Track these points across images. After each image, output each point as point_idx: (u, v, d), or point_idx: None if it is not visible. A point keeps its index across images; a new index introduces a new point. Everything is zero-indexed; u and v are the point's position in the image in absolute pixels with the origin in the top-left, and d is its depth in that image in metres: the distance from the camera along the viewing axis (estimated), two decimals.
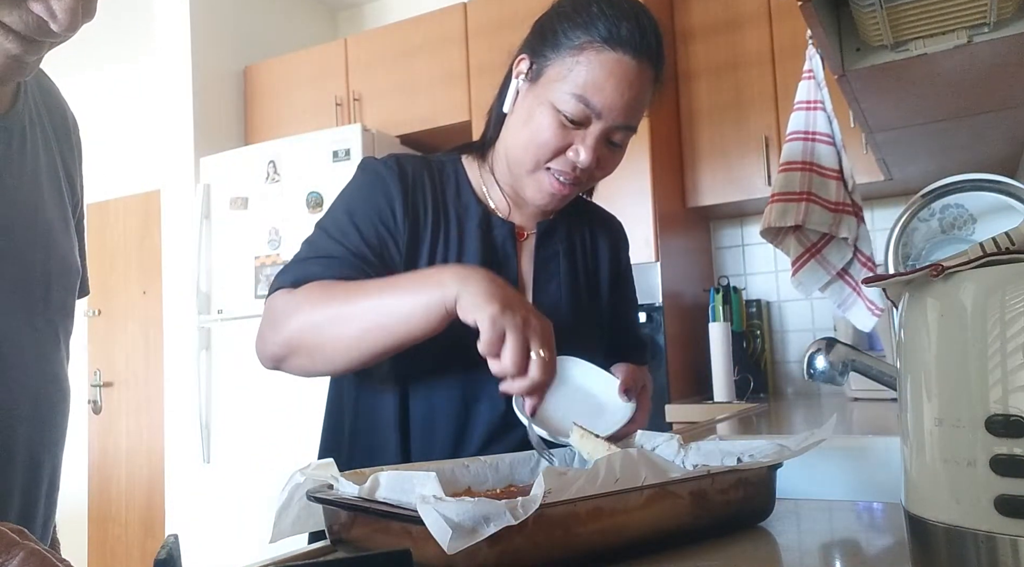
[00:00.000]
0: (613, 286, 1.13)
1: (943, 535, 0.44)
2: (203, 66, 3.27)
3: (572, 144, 0.93)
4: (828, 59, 1.28)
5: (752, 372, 2.66)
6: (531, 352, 0.77)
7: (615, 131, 0.93)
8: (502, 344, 0.76)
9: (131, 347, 4.05)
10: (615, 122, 0.92)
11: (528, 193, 0.98)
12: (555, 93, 0.91)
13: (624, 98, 0.91)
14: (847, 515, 0.74)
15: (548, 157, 0.94)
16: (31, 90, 0.78)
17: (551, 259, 1.05)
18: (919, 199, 1.31)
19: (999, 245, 0.44)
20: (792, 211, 1.77)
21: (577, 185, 0.97)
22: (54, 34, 0.59)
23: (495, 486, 0.76)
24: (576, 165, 0.93)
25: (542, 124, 0.93)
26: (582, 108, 0.90)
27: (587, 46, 0.90)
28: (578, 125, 0.92)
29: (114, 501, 3.98)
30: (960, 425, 0.43)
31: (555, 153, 0.93)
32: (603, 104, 0.90)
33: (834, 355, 0.97)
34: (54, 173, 0.80)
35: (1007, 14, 1.12)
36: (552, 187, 0.95)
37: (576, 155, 0.93)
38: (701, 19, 2.75)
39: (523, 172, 0.97)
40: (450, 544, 0.47)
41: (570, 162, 0.93)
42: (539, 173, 0.96)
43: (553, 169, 0.94)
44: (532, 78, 0.96)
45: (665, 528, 0.61)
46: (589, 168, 0.94)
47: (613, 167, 0.98)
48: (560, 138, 0.92)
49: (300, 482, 0.65)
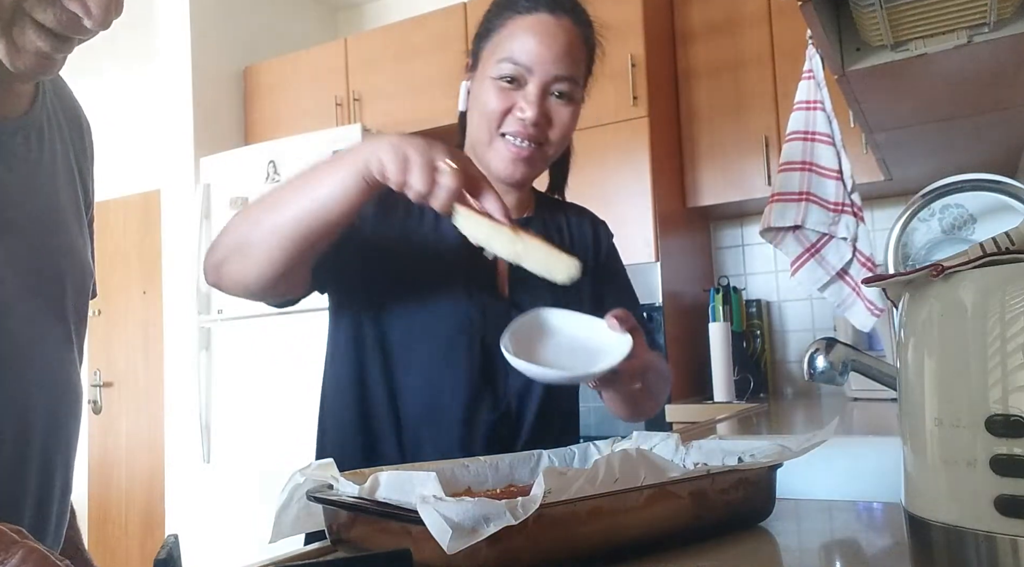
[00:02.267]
0: (597, 276, 1.14)
1: (943, 535, 0.44)
2: (203, 66, 3.27)
3: (515, 104, 0.99)
4: (828, 59, 1.28)
5: (752, 372, 2.66)
6: (435, 164, 0.77)
7: (554, 83, 1.00)
8: (409, 170, 0.77)
9: (131, 347, 4.05)
10: (549, 74, 0.99)
11: (494, 167, 1.01)
12: (490, 67, 1.01)
13: (551, 50, 0.99)
14: (847, 515, 0.74)
15: (497, 121, 1.00)
16: (48, 90, 0.78)
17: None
18: (919, 199, 1.31)
19: (999, 245, 0.44)
20: (792, 211, 1.77)
21: (536, 146, 1.01)
22: (87, 31, 0.59)
23: (495, 486, 0.76)
24: (524, 121, 0.98)
25: (485, 96, 1.01)
26: (513, 67, 0.99)
27: (508, 20, 1.01)
28: (516, 85, 0.99)
29: (114, 501, 3.98)
30: (960, 425, 0.43)
31: (502, 116, 1.00)
32: (531, 59, 0.98)
33: (834, 355, 0.97)
34: (70, 174, 0.80)
35: (1007, 14, 1.12)
36: (510, 151, 1.00)
37: (521, 112, 0.99)
38: (701, 19, 2.75)
39: (483, 149, 1.02)
40: (450, 544, 0.47)
41: (518, 121, 0.99)
42: (495, 142, 1.01)
43: (506, 133, 1.00)
44: (472, 69, 1.07)
45: (665, 528, 0.61)
46: (538, 122, 0.99)
47: (568, 123, 1.03)
48: (503, 100, 0.99)
49: (300, 482, 0.65)
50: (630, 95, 2.55)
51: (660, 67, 2.68)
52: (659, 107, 2.63)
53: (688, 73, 2.77)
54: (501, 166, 1.01)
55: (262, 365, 2.84)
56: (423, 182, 0.77)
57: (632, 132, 2.56)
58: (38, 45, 0.58)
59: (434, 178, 0.77)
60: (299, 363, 2.67)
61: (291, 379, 2.74)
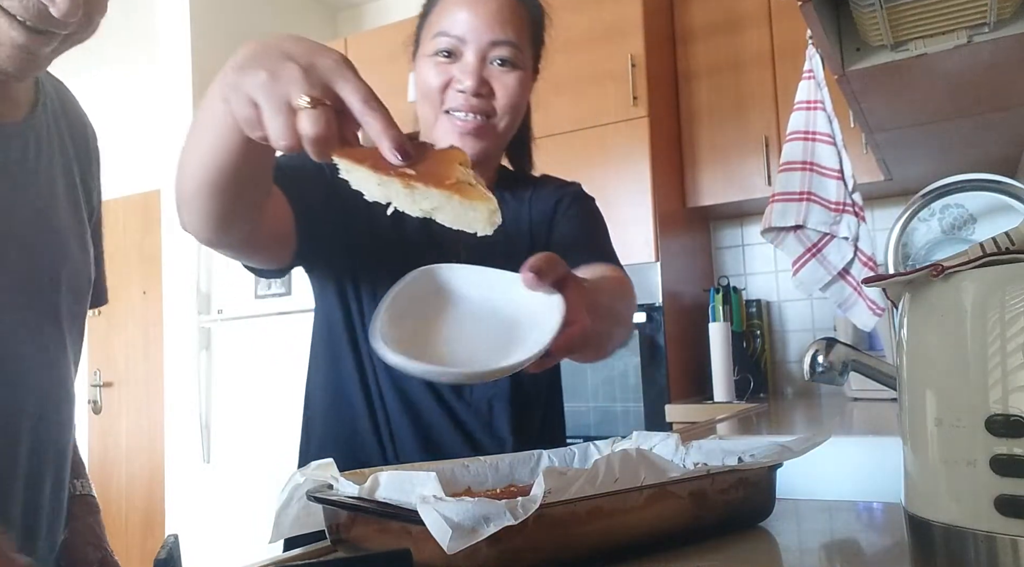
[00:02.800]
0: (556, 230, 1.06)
1: (943, 535, 0.44)
2: (203, 66, 3.27)
3: (453, 77, 0.95)
4: (828, 59, 1.28)
5: (752, 372, 2.66)
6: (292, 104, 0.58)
7: (491, 50, 0.95)
8: (260, 117, 0.59)
9: (131, 347, 4.05)
10: (483, 40, 0.95)
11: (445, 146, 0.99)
12: (425, 47, 0.98)
13: (483, 17, 0.95)
14: (847, 515, 0.74)
15: (438, 97, 0.96)
16: (50, 98, 0.79)
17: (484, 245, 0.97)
18: (919, 199, 1.31)
19: (999, 245, 0.44)
20: (792, 211, 1.77)
21: (483, 119, 0.96)
22: (56, 22, 0.59)
23: (495, 486, 0.76)
24: (464, 93, 0.94)
25: (423, 74, 0.97)
26: (447, 40, 0.95)
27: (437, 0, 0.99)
28: (453, 58, 0.96)
29: (114, 501, 3.98)
30: (960, 425, 0.43)
31: (442, 92, 0.96)
32: (464, 28, 0.95)
33: (834, 355, 0.97)
34: (70, 181, 0.80)
35: (1007, 14, 1.12)
36: (456, 126, 0.96)
37: (460, 83, 0.95)
38: (701, 19, 2.75)
39: (431, 131, 0.99)
40: (450, 544, 0.47)
41: (458, 94, 0.95)
42: (440, 121, 0.97)
43: (449, 110, 0.96)
44: (412, 56, 1.03)
45: (665, 528, 0.61)
46: (479, 92, 0.95)
47: (515, 90, 0.97)
48: (440, 75, 0.96)
49: (300, 482, 0.65)
50: (630, 95, 2.55)
51: (660, 67, 2.68)
52: (659, 107, 2.63)
53: (688, 73, 2.77)
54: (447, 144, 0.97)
55: (262, 365, 2.84)
56: (282, 133, 0.58)
57: (632, 132, 2.56)
58: (12, 36, 0.58)
59: (294, 124, 0.58)
60: (299, 363, 2.67)
61: (291, 379, 2.73)
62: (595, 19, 2.65)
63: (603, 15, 2.64)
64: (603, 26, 2.63)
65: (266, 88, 0.58)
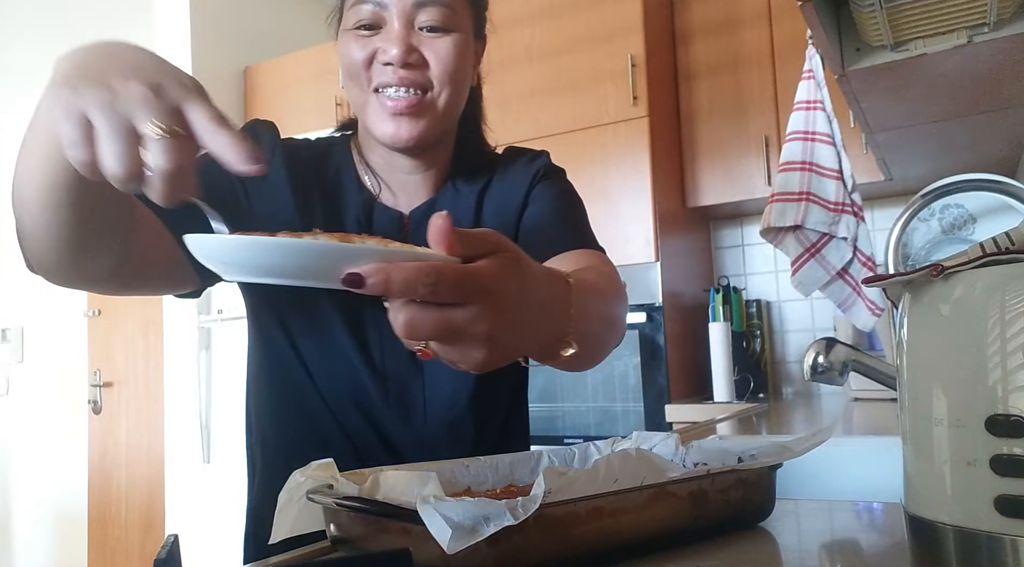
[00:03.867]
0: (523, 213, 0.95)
1: (943, 535, 0.44)
2: (203, 66, 3.27)
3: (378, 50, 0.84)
4: (828, 59, 1.28)
5: (752, 372, 2.66)
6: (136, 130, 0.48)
7: (418, 13, 0.84)
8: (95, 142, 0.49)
9: (131, 347, 4.05)
10: (407, 2, 0.83)
11: (378, 133, 0.86)
12: (346, 20, 0.87)
13: None
14: (847, 515, 0.74)
15: (364, 74, 0.85)
16: None
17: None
18: (919, 199, 1.31)
19: (999, 245, 0.44)
20: (792, 211, 1.77)
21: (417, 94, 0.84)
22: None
23: (495, 486, 0.76)
24: (392, 64, 0.83)
25: (345, 51, 0.86)
26: (366, 8, 0.84)
27: None
28: (375, 28, 0.84)
29: (114, 501, 3.98)
30: (960, 425, 0.43)
31: (367, 66, 0.84)
32: None
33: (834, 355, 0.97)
34: None
35: (1007, 14, 1.12)
36: (387, 105, 0.84)
37: (385, 54, 0.83)
38: (701, 19, 2.75)
39: (363, 116, 0.87)
40: (450, 544, 0.47)
41: (385, 67, 0.84)
42: (370, 102, 0.85)
43: (378, 88, 0.84)
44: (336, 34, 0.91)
45: (665, 528, 0.61)
46: (408, 62, 0.83)
47: (450, 56, 0.85)
48: (364, 47, 0.84)
49: (300, 482, 0.65)
50: (630, 95, 2.55)
51: (660, 67, 2.68)
52: (659, 107, 2.63)
53: (688, 73, 2.77)
54: (382, 129, 0.85)
55: None
56: (120, 160, 0.48)
57: (632, 132, 2.56)
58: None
59: (135, 152, 0.48)
60: None
61: None
62: (595, 19, 2.65)
63: (603, 15, 2.64)
64: (603, 26, 2.63)
65: (105, 106, 0.48)
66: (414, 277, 0.45)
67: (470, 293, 0.47)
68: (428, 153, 0.92)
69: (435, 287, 0.45)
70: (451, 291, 0.46)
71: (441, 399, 0.90)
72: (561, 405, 2.64)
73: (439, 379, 0.90)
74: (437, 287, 0.45)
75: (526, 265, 0.52)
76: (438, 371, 0.89)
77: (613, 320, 0.75)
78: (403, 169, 0.93)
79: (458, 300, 0.47)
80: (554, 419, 2.65)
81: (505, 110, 2.76)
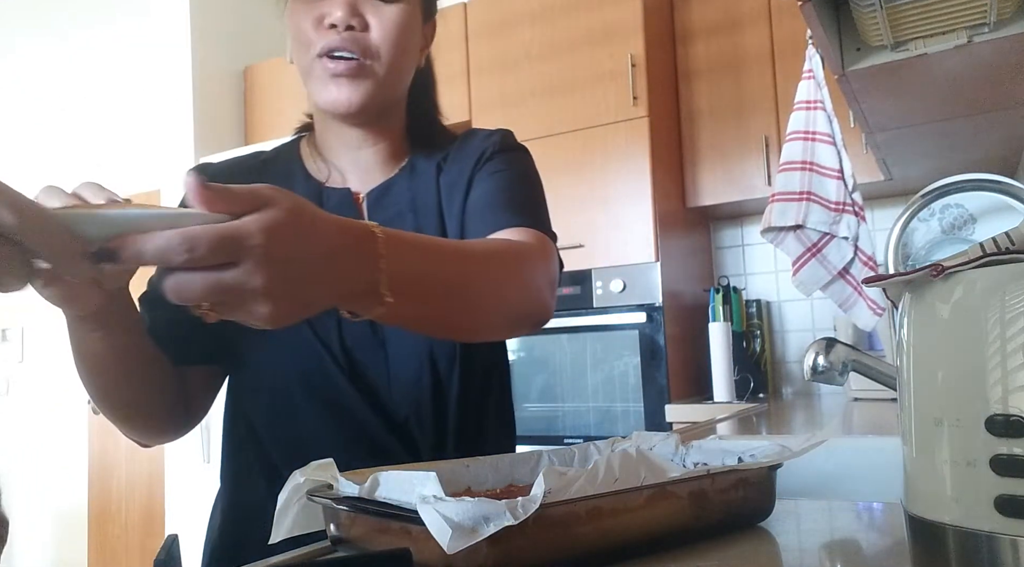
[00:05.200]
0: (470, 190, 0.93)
1: (943, 535, 0.44)
2: (203, 66, 3.27)
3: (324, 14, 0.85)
4: (828, 59, 1.28)
5: (752, 372, 2.66)
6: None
7: None
8: None
9: None
10: None
11: (321, 101, 0.87)
12: None
13: None
14: (847, 515, 0.74)
15: (312, 39, 0.85)
16: None
17: (393, 221, 0.89)
18: (919, 199, 1.31)
19: (999, 245, 0.44)
20: (792, 211, 1.77)
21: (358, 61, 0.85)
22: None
23: (495, 486, 0.76)
24: (336, 27, 0.83)
25: (292, 21, 0.86)
26: None
27: None
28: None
29: (114, 501, 3.98)
30: (960, 425, 0.43)
31: (314, 30, 0.85)
32: None
33: (834, 355, 0.97)
34: None
35: (1007, 14, 1.12)
36: (328, 68, 0.84)
37: (330, 17, 0.84)
38: (701, 19, 2.75)
39: (307, 78, 0.87)
40: (450, 544, 0.47)
41: (328, 31, 0.84)
42: (313, 68, 0.86)
43: (322, 50, 0.84)
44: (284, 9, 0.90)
45: (665, 528, 0.61)
46: (352, 25, 0.84)
47: (394, 23, 0.86)
48: (310, 12, 0.85)
49: (300, 482, 0.65)
50: (630, 95, 2.55)
51: (660, 67, 2.68)
52: (659, 107, 2.63)
53: (688, 73, 2.77)
54: (324, 95, 0.86)
55: None
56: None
57: (632, 132, 2.56)
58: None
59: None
60: None
61: None
62: (595, 19, 2.65)
63: (603, 15, 2.64)
64: (603, 26, 2.63)
65: None
66: (166, 245, 0.45)
67: (234, 252, 0.47)
68: (375, 125, 0.92)
69: (191, 253, 0.45)
70: (212, 253, 0.46)
71: (405, 375, 0.89)
72: (561, 405, 2.64)
73: (400, 355, 0.88)
74: (193, 252, 0.45)
75: (307, 216, 0.53)
76: (400, 346, 0.88)
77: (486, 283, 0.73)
78: (352, 144, 0.93)
79: (223, 260, 0.47)
80: (554, 419, 2.65)
81: (505, 110, 2.76)
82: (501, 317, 0.78)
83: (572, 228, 2.58)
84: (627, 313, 2.53)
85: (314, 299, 0.55)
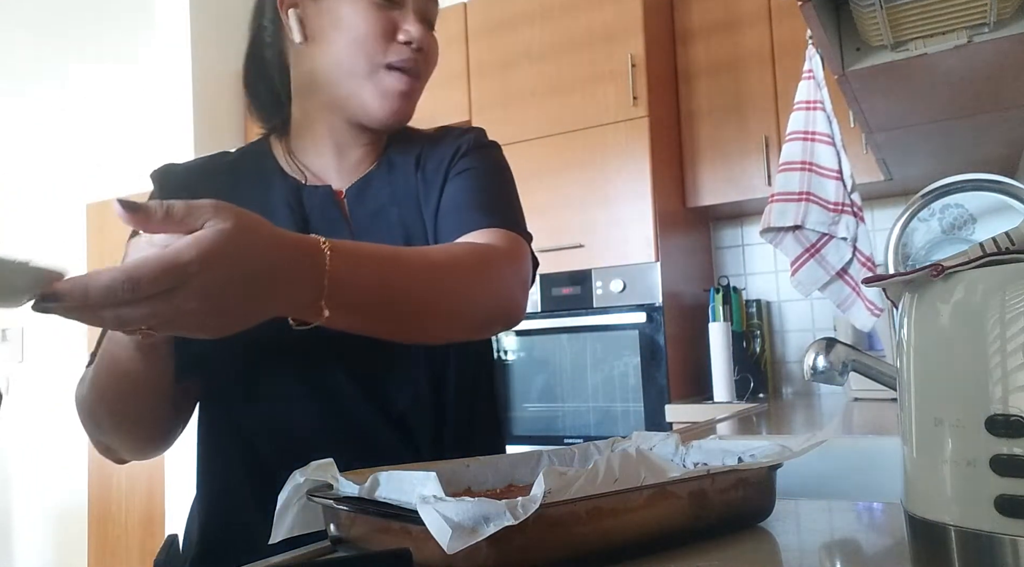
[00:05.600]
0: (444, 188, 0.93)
1: (943, 535, 0.44)
2: (203, 66, 3.27)
3: (397, 26, 0.85)
4: (828, 59, 1.28)
5: (752, 372, 2.66)
6: None
7: (427, 5, 0.88)
8: None
9: None
10: None
11: (369, 107, 0.86)
12: None
13: None
14: (847, 515, 0.74)
15: (381, 48, 0.84)
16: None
17: (377, 215, 0.90)
18: (919, 199, 1.31)
19: (999, 245, 0.44)
20: (791, 211, 1.77)
21: (418, 76, 0.88)
22: None
23: (495, 486, 0.76)
24: (411, 43, 0.85)
25: (357, 19, 0.84)
26: None
27: None
28: (393, 4, 0.85)
29: (114, 501, 3.98)
30: (960, 425, 0.43)
31: (385, 40, 0.85)
32: None
33: (834, 355, 0.97)
34: None
35: (1007, 14, 1.12)
36: (400, 82, 0.86)
37: (407, 34, 0.85)
38: (701, 19, 2.75)
39: (359, 82, 0.86)
40: (450, 544, 0.47)
41: (403, 47, 0.85)
42: (379, 76, 0.85)
43: (393, 62, 0.85)
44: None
45: (665, 528, 0.61)
46: (423, 46, 0.86)
47: (436, 54, 0.91)
48: (383, 22, 0.84)
49: (300, 482, 0.65)
50: (630, 95, 2.55)
51: (660, 67, 2.68)
52: (659, 107, 2.63)
53: (688, 73, 2.77)
54: (379, 104, 0.86)
55: None
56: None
57: (632, 132, 2.56)
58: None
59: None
60: None
61: None
62: (595, 19, 2.65)
63: (603, 15, 2.64)
64: (603, 26, 2.63)
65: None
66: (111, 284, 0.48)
67: (174, 280, 0.50)
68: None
69: (134, 291, 0.48)
70: (153, 287, 0.49)
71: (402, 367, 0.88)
72: (561, 405, 2.64)
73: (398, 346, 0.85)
74: (137, 292, 0.49)
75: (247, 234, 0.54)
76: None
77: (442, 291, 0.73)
78: (348, 142, 0.93)
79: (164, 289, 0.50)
80: (554, 419, 2.65)
81: (505, 110, 2.76)
82: (463, 320, 0.78)
83: (572, 228, 2.58)
84: (627, 313, 2.53)
85: (252, 313, 0.57)
